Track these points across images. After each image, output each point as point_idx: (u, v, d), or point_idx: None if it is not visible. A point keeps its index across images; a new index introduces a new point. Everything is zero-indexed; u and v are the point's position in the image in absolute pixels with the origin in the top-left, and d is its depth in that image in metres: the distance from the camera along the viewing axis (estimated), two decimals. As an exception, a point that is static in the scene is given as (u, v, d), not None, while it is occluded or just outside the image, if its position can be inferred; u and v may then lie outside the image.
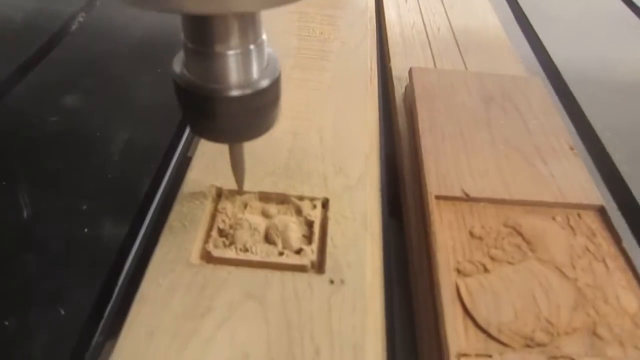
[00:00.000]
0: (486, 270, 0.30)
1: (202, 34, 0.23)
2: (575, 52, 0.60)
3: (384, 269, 0.33)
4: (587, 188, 0.35)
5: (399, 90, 0.48)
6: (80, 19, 0.58)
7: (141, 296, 0.27)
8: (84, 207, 0.35)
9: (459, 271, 0.30)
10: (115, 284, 0.32)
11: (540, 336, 0.27)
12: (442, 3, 0.63)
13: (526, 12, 0.68)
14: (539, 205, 0.34)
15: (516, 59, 0.53)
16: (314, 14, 0.53)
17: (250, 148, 0.36)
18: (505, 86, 0.44)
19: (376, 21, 0.58)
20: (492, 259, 0.31)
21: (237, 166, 0.30)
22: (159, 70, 0.50)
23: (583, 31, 0.65)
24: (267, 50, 0.26)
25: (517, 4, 0.70)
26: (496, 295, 0.28)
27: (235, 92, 0.24)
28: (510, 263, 0.31)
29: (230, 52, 0.23)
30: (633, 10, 0.70)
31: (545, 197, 0.34)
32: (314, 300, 0.27)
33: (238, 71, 0.24)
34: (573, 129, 0.49)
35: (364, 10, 0.55)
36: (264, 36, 0.25)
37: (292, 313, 0.27)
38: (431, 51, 0.53)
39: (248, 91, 0.24)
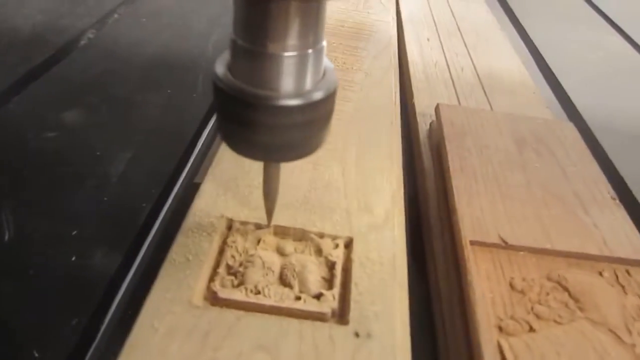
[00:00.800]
0: (532, 329, 0.26)
1: (257, 27, 0.20)
2: (597, 100, 0.58)
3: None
4: (635, 241, 0.32)
5: (422, 127, 0.45)
6: (90, 35, 0.55)
7: (133, 342, 0.22)
8: (74, 233, 0.31)
9: (500, 329, 0.26)
10: (101, 324, 0.28)
11: (602, 414, 0.23)
12: (465, 44, 0.62)
13: (545, 57, 0.66)
14: (584, 258, 0.31)
15: (542, 104, 0.51)
16: (337, 44, 0.51)
17: (261, 174, 0.33)
18: (538, 129, 0.41)
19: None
20: (537, 316, 0.27)
21: (270, 192, 0.27)
22: (168, 91, 0.47)
23: (603, 80, 0.63)
24: (325, 60, 0.22)
25: (537, 49, 0.69)
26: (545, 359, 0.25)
27: (284, 102, 0.21)
28: (557, 322, 0.27)
29: (286, 54, 0.20)
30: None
31: (590, 250, 0.31)
32: (337, 357, 0.23)
33: (291, 77, 0.21)
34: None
35: (387, 44, 0.54)
36: (325, 42, 0.22)
37: (311, 371, 0.22)
38: (455, 90, 0.51)
39: (299, 102, 0.21)
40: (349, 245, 0.29)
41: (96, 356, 0.26)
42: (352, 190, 0.33)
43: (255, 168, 0.33)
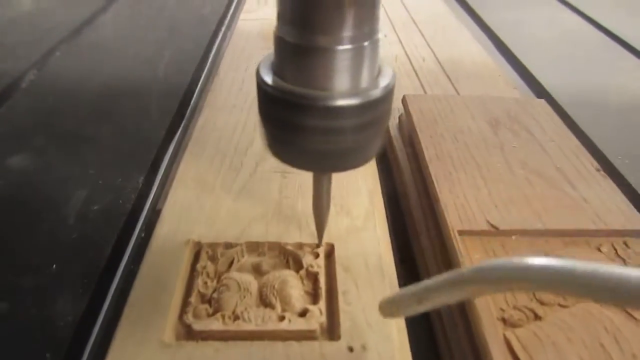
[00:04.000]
0: (537, 317, 0.24)
1: (306, 19, 0.18)
2: (563, 77, 0.57)
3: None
4: (627, 211, 0.30)
5: (391, 121, 0.43)
6: (32, 77, 0.52)
7: (98, 394, 0.20)
8: (31, 281, 0.28)
9: (505, 321, 0.24)
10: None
11: (627, 398, 0.21)
12: (423, 35, 0.61)
13: (505, 41, 0.65)
14: (579, 234, 0.29)
15: (509, 84, 0.50)
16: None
17: (232, 189, 0.31)
18: (510, 109, 0.40)
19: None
20: (541, 302, 0.25)
21: (321, 207, 0.24)
22: (121, 121, 0.44)
23: (564, 56, 0.63)
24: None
25: (494, 33, 0.69)
26: (558, 348, 0.23)
27: (339, 102, 0.18)
28: (563, 306, 0.25)
29: (340, 48, 0.18)
30: (606, 34, 0.69)
31: (585, 225, 0.29)
32: (332, 378, 0.21)
33: (345, 74, 0.18)
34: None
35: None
36: (381, 34, 0.19)
37: (305, 398, 0.20)
38: (420, 81, 0.49)
39: (355, 102, 0.19)
40: (330, 252, 0.27)
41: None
42: (326, 194, 0.30)
43: (219, 183, 0.31)
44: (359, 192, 0.31)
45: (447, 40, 0.59)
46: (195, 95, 0.51)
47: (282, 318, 0.23)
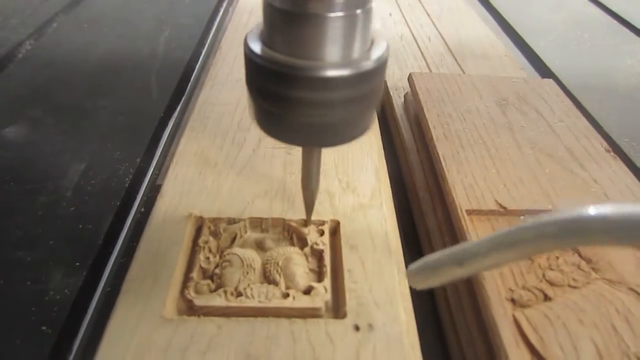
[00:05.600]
0: (547, 297, 0.24)
1: None
2: (569, 59, 0.56)
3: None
4: (638, 192, 0.30)
5: (397, 100, 0.42)
6: (28, 47, 0.51)
7: (98, 368, 0.19)
8: (27, 255, 0.28)
9: (514, 301, 0.23)
10: (68, 352, 0.24)
11: (639, 380, 0.20)
12: (428, 15, 0.59)
13: (511, 22, 0.64)
14: (589, 215, 0.28)
15: (516, 65, 0.49)
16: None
17: (235, 165, 0.30)
18: (518, 89, 0.39)
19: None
20: (551, 283, 0.24)
21: (310, 182, 0.23)
22: (120, 95, 0.43)
23: (570, 38, 0.62)
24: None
25: (501, 15, 0.67)
26: (568, 329, 0.22)
27: (330, 72, 0.17)
28: (573, 287, 0.24)
29: (331, 15, 0.17)
30: (612, 16, 0.68)
31: (595, 206, 0.28)
32: (337, 356, 0.20)
33: (336, 43, 0.17)
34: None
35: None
36: (374, 3, 0.18)
37: (311, 376, 0.19)
38: (425, 61, 0.48)
39: (346, 72, 0.18)
40: (335, 230, 0.26)
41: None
42: (331, 171, 0.30)
43: (222, 160, 0.30)
44: (365, 168, 0.30)
45: (453, 20, 0.58)
46: (195, 70, 0.50)
47: (286, 295, 0.22)
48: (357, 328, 0.21)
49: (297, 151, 0.31)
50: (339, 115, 0.19)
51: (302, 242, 0.25)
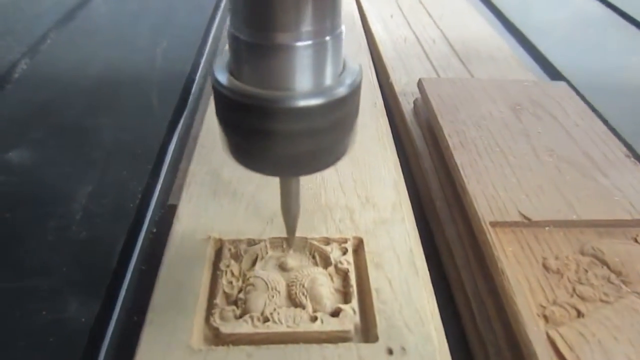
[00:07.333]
0: (580, 314, 0.23)
1: (262, 14, 0.16)
2: (577, 58, 0.56)
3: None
4: (661, 199, 0.29)
5: (406, 106, 0.41)
6: (24, 66, 0.49)
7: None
8: (40, 285, 0.27)
9: (546, 318, 0.23)
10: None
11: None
12: (430, 16, 0.59)
13: (514, 22, 0.64)
14: (614, 225, 0.28)
15: (523, 67, 0.48)
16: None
17: (250, 182, 0.29)
18: (531, 92, 0.38)
19: (363, 38, 0.52)
20: (582, 298, 0.24)
21: (290, 208, 0.23)
22: (121, 111, 0.42)
23: (577, 38, 0.62)
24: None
25: (503, 14, 0.67)
26: (604, 348, 0.22)
27: (301, 102, 0.17)
28: (605, 302, 0.24)
29: (299, 44, 0.16)
30: (617, 13, 0.67)
31: (620, 215, 0.28)
32: (373, 383, 0.19)
33: (307, 72, 0.17)
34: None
35: (352, 25, 0.50)
36: (343, 27, 0.18)
37: (348, 407, 0.19)
38: (431, 63, 0.48)
39: (319, 101, 0.17)
40: (358, 247, 0.26)
41: None
42: (349, 185, 0.29)
43: (237, 175, 0.29)
44: (383, 182, 0.29)
45: (456, 21, 0.58)
46: (196, 81, 0.49)
47: (314, 319, 0.22)
48: (390, 352, 0.21)
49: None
50: (315, 143, 0.18)
51: (326, 262, 0.25)
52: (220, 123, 0.19)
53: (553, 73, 0.52)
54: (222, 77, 0.18)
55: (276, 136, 0.17)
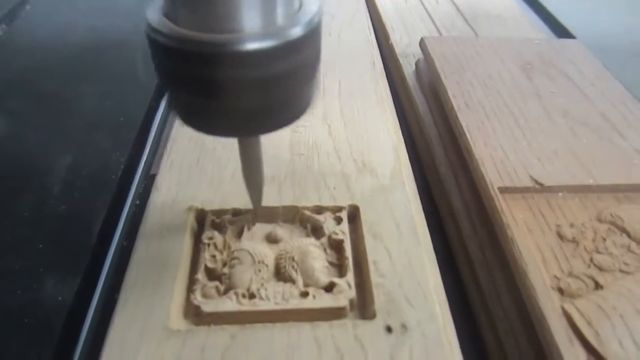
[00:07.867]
0: (598, 285, 0.21)
1: None
2: (586, 18, 0.52)
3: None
4: (684, 161, 0.27)
5: (407, 68, 0.39)
6: (0, 32, 0.46)
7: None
8: (15, 262, 0.25)
9: (561, 290, 0.21)
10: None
11: None
12: (433, -25, 0.55)
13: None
14: (633, 189, 0.26)
15: (534, 27, 0.45)
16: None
17: (236, 149, 0.27)
18: (542, 51, 0.36)
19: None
20: (600, 268, 0.22)
21: (252, 175, 0.20)
22: (104, 78, 0.40)
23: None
24: None
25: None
26: (626, 322, 0.19)
27: (249, 45, 0.14)
28: (625, 272, 0.22)
29: None
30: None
31: (639, 179, 0.26)
32: (370, 364, 0.18)
33: (255, 10, 0.14)
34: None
35: (349, -17, 0.47)
36: None
37: (342, 392, 0.17)
38: (434, 24, 0.45)
39: (270, 43, 0.14)
40: (354, 216, 0.23)
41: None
42: (345, 150, 0.27)
43: (222, 141, 0.27)
44: (382, 146, 0.27)
45: (460, -21, 0.54)
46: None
47: (305, 294, 0.20)
48: (389, 329, 0.19)
49: (304, 128, 0.28)
50: (269, 96, 0.16)
51: (319, 232, 0.23)
52: (159, 76, 0.16)
53: (563, 35, 0.49)
54: (156, 21, 0.15)
55: (223, 87, 0.15)
